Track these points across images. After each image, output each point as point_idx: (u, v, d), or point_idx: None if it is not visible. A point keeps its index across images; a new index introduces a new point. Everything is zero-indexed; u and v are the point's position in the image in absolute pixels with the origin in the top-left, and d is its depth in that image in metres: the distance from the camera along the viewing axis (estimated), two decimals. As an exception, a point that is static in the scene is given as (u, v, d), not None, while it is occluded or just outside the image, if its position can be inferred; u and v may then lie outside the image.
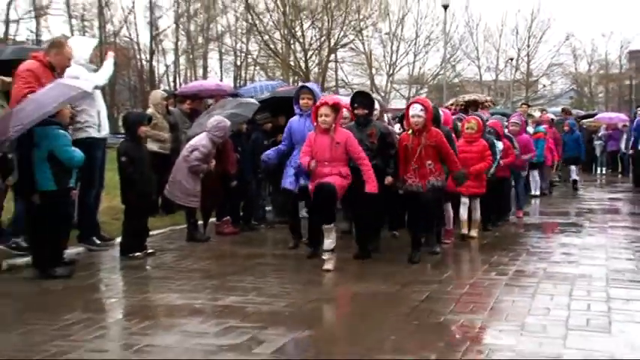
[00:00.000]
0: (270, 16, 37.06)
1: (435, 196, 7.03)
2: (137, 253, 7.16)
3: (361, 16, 38.08)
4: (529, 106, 18.67)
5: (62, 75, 6.86)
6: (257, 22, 36.53)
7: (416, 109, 6.92)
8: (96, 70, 7.73)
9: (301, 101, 7.62)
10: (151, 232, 7.71)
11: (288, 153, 7.64)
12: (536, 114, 15.91)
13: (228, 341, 4.33)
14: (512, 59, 42.71)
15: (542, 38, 44.85)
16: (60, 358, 3.99)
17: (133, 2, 35.03)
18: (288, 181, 7.42)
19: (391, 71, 40.85)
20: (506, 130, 10.38)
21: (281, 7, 36.51)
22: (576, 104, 44.11)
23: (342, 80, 40.64)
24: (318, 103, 6.82)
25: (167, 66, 40.51)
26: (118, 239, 7.52)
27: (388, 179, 7.09)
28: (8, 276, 6.28)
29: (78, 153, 6.33)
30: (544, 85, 48.00)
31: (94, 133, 7.47)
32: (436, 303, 5.40)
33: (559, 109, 21.55)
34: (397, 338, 4.49)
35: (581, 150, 16.64)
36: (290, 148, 7.57)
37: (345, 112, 7.49)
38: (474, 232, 8.57)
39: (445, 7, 27.60)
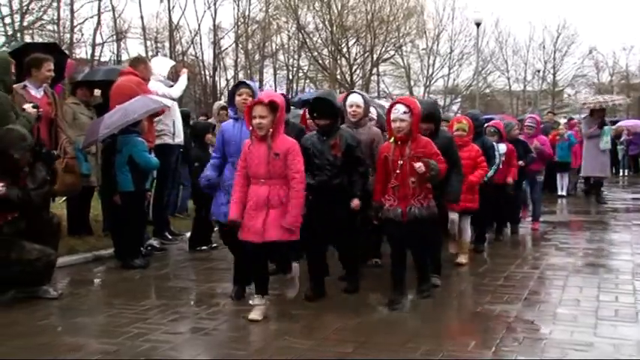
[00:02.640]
0: (319, 34, 37.18)
1: (418, 229, 4.81)
2: (203, 247, 7.24)
3: (401, 34, 37.85)
4: (554, 114, 18.22)
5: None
6: (307, 40, 36.69)
7: (398, 112, 4.76)
8: (172, 86, 7.88)
9: (237, 98, 5.15)
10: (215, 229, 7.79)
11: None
12: (562, 121, 15.51)
13: (286, 327, 4.33)
14: (539, 71, 41.90)
15: (567, 52, 43.81)
16: (142, 338, 4.06)
17: (199, 25, 35.58)
18: (222, 212, 4.99)
19: (428, 83, 40.49)
20: (521, 136, 8.64)
21: (329, 27, 36.60)
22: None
23: (384, 91, 40.48)
24: (250, 102, 4.63)
25: (228, 80, 40.99)
26: (187, 234, 7.62)
27: (354, 202, 5.03)
28: (94, 266, 6.43)
29: (154, 158, 6.45)
30: (569, 95, 46.87)
31: (168, 140, 7.60)
32: (474, 294, 5.31)
33: (583, 116, 20.99)
34: (438, 325, 4.43)
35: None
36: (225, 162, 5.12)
37: (373, 111, 6.04)
38: (462, 258, 6.42)
39: (477, 24, 27.25)
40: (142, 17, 32.94)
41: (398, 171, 4.77)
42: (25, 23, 25.63)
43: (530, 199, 9.05)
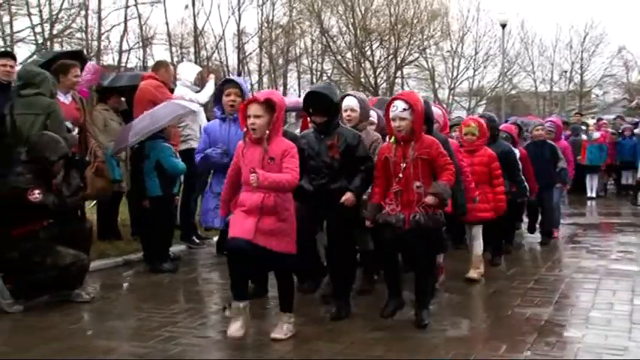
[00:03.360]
0: (343, 38, 37.15)
1: (421, 239, 4.30)
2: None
3: (425, 37, 37.63)
4: (582, 115, 17.95)
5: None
6: (331, 44, 36.70)
7: (397, 109, 4.31)
8: (198, 91, 7.94)
9: (225, 98, 5.01)
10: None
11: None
12: (591, 121, 15.27)
13: (313, 331, 4.33)
14: (566, 72, 41.31)
15: (594, 52, 43.16)
16: (172, 342, 4.09)
17: (223, 31, 35.80)
18: (210, 217, 5.10)
19: (452, 85, 40.21)
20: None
21: (352, 30, 36.56)
22: (628, 112, 42.16)
23: (408, 94, 40.33)
24: (245, 101, 4.25)
25: (252, 85, 41.27)
26: (215, 238, 7.66)
27: (347, 196, 4.40)
28: (123, 270, 6.50)
29: (180, 163, 6.49)
30: (597, 95, 46.14)
31: (195, 144, 7.64)
32: (503, 297, 5.25)
33: (612, 116, 20.64)
34: (467, 329, 4.38)
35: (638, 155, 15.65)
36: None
37: (373, 114, 5.37)
38: (473, 273, 5.74)
39: (503, 25, 26.97)
40: (167, 23, 33.26)
41: (400, 175, 4.31)
42: (54, 32, 26.06)
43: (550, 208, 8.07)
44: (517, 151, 6.86)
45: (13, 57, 6.34)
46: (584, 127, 13.98)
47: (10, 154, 5.16)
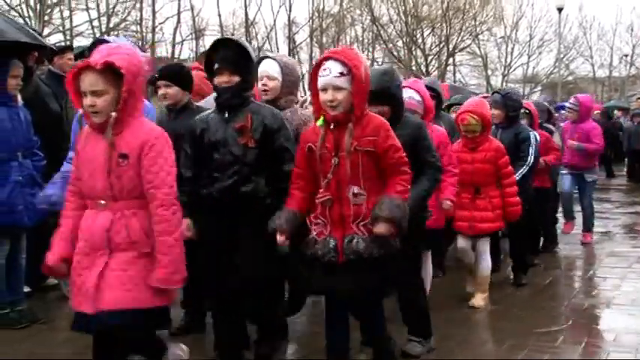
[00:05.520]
0: (394, 26, 36.89)
1: (361, 275, 2.77)
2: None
3: (477, 22, 36.98)
4: (644, 100, 17.31)
5: None
6: (382, 32, 36.49)
7: (329, 73, 2.78)
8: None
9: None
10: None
11: None
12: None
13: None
14: (626, 56, 39.87)
15: (657, 34, 41.44)
16: None
17: (274, 21, 36.08)
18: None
19: (506, 72, 39.41)
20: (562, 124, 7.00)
21: (403, 18, 36.26)
22: (694, 97, 40.43)
23: (460, 81, 39.77)
24: (75, 66, 2.67)
25: (303, 75, 41.49)
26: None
27: (278, 235, 2.90)
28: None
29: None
30: (659, 80, 44.38)
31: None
32: (560, 289, 5.18)
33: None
34: (522, 320, 4.34)
35: None
36: None
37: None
38: (480, 299, 4.53)
39: (559, 9, 26.23)
40: (219, 15, 33.77)
41: (330, 175, 2.79)
42: (110, 25, 26.81)
43: (580, 206, 6.97)
44: (536, 135, 5.28)
45: (73, 51, 6.57)
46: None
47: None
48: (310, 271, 2.85)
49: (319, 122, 2.85)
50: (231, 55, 3.10)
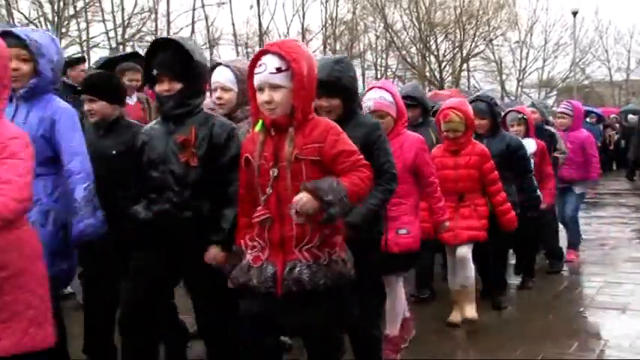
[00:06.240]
0: (407, 32, 36.95)
1: (308, 317, 2.37)
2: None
3: (491, 28, 36.92)
4: (662, 103, 17.19)
5: None
6: (395, 39, 36.55)
7: (265, 69, 2.37)
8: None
9: None
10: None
11: None
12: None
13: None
14: (643, 59, 39.54)
15: (675, 36, 41.07)
16: None
17: (288, 29, 36.23)
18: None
19: (521, 77, 39.25)
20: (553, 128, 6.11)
21: (417, 25, 36.31)
22: None
23: (474, 87, 39.68)
24: None
25: (317, 82, 41.56)
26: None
27: (210, 252, 2.68)
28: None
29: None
30: (677, 83, 43.94)
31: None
32: (576, 292, 5.16)
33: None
34: (536, 327, 4.34)
35: None
36: None
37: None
38: (470, 311, 4.18)
39: (574, 13, 26.12)
40: (233, 24, 34.01)
41: (269, 190, 2.38)
42: (126, 36, 27.14)
43: (561, 221, 6.25)
44: (532, 143, 5.05)
45: (85, 62, 6.73)
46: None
47: None
48: (246, 305, 2.43)
49: (257, 127, 2.43)
50: (168, 59, 2.67)
